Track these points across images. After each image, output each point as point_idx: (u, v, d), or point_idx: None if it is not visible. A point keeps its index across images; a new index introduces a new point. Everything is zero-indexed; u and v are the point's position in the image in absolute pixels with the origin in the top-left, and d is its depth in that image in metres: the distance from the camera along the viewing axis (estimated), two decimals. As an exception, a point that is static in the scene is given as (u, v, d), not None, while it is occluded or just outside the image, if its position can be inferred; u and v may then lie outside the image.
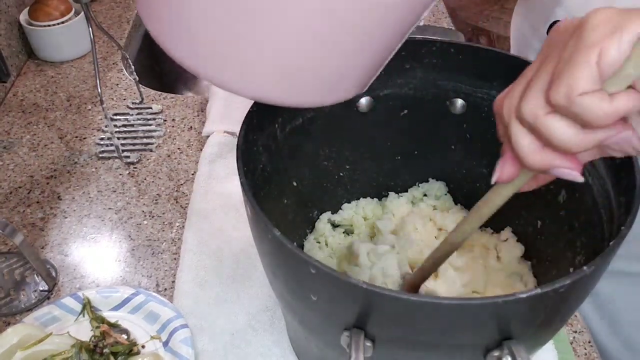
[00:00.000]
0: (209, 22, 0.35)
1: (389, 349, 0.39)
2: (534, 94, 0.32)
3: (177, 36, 0.37)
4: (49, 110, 0.89)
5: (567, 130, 0.31)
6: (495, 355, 0.37)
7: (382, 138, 0.61)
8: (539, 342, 0.43)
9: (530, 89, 0.32)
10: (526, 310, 0.36)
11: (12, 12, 0.96)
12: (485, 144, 0.58)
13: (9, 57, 0.93)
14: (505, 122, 0.34)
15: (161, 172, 0.79)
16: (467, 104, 0.57)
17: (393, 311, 0.36)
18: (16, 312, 0.61)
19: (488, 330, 0.36)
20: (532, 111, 0.32)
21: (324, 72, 0.39)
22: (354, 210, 0.64)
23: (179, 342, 0.56)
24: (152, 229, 0.71)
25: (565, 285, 0.34)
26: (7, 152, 0.81)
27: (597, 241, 0.45)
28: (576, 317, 0.61)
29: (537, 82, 0.32)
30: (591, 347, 0.58)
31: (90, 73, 0.97)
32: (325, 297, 0.39)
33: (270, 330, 0.59)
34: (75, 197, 0.75)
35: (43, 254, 0.68)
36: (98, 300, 0.60)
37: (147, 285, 0.64)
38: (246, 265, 0.65)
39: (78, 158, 0.81)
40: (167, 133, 0.85)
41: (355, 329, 0.38)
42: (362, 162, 0.63)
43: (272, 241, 0.39)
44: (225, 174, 0.76)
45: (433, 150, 0.62)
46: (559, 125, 0.31)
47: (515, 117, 0.33)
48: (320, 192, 0.62)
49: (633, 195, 0.40)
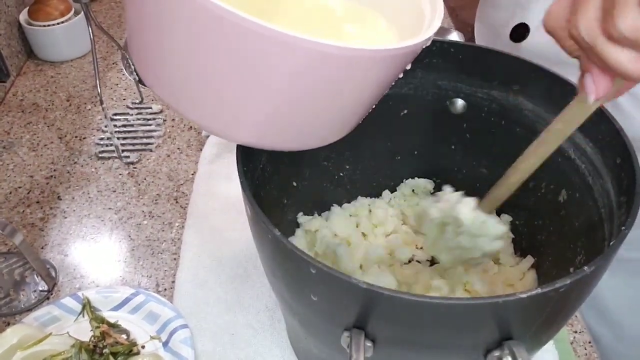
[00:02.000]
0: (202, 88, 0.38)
1: (389, 349, 0.39)
2: (625, 9, 0.30)
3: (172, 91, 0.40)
4: (48, 110, 0.89)
5: None
6: (496, 355, 0.37)
7: (382, 138, 0.61)
8: (539, 342, 0.43)
9: (617, 4, 0.30)
10: (526, 310, 0.36)
11: (12, 12, 0.95)
12: (485, 143, 0.59)
13: (9, 57, 0.93)
14: (586, 43, 0.32)
15: (161, 172, 0.79)
16: (467, 104, 0.57)
17: (393, 311, 0.36)
18: (16, 312, 0.61)
19: (488, 330, 0.36)
20: (631, 26, 0.30)
21: (301, 128, 0.42)
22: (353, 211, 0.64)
23: (179, 342, 0.56)
24: (152, 229, 0.71)
25: (566, 285, 0.34)
26: (6, 152, 0.81)
27: (598, 241, 0.45)
28: (576, 317, 0.61)
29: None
30: (591, 347, 0.58)
31: (90, 73, 0.97)
32: (325, 297, 0.39)
33: (270, 330, 0.59)
34: (75, 197, 0.75)
35: (43, 254, 0.68)
36: (98, 300, 0.60)
37: (147, 285, 0.64)
38: (246, 265, 0.65)
39: (78, 158, 0.80)
40: (167, 133, 0.85)
41: (356, 329, 0.38)
42: (362, 162, 0.63)
43: (272, 241, 0.39)
44: (225, 174, 0.76)
45: (433, 150, 0.62)
46: None
47: (604, 35, 0.31)
48: (320, 192, 0.62)
49: (633, 196, 0.40)
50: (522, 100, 0.54)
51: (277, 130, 0.41)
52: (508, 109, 0.55)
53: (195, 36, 0.34)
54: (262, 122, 0.39)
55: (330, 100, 0.39)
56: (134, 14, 0.38)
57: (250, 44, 0.33)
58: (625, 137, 0.44)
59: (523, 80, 0.53)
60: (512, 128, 0.55)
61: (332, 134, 0.44)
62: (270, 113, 0.38)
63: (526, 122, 0.54)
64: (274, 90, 0.37)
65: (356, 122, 0.45)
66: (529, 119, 0.54)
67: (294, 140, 0.43)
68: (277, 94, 0.37)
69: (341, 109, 0.41)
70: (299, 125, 0.41)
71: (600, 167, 0.46)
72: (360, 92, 0.40)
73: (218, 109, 0.39)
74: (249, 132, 0.40)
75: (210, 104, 0.39)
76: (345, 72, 0.36)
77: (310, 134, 0.43)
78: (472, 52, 0.54)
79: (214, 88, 0.37)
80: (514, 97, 0.54)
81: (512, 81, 0.53)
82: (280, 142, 0.43)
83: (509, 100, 0.54)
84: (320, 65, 0.35)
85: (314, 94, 0.37)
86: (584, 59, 0.35)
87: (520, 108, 0.54)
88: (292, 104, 0.38)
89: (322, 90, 0.37)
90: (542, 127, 0.53)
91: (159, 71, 0.39)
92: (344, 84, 0.37)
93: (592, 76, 0.34)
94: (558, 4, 0.35)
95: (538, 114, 0.53)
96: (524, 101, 0.53)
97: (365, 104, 0.43)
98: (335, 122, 0.43)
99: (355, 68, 0.36)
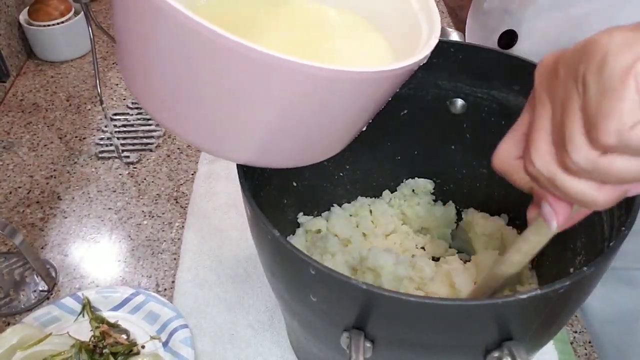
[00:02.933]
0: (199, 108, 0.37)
1: (389, 349, 0.39)
2: (575, 142, 0.29)
3: (161, 106, 0.39)
4: (48, 110, 0.89)
5: (627, 164, 0.28)
6: (495, 356, 0.37)
7: (382, 138, 0.61)
8: (539, 342, 0.43)
9: (569, 137, 0.29)
10: (526, 310, 0.36)
11: (12, 12, 0.95)
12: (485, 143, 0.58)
13: (9, 57, 0.93)
14: (544, 178, 0.32)
15: (161, 172, 0.79)
16: (467, 104, 0.57)
17: (393, 312, 0.36)
18: (16, 312, 0.61)
19: (488, 331, 0.36)
20: (584, 159, 0.29)
21: (293, 149, 0.41)
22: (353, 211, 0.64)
23: (179, 342, 0.56)
24: (152, 229, 0.71)
25: (565, 285, 0.34)
26: (6, 152, 0.81)
27: (597, 242, 0.45)
28: (576, 317, 0.61)
29: (571, 128, 0.29)
30: (591, 347, 0.58)
31: (90, 73, 0.97)
32: (324, 297, 0.39)
33: (270, 330, 0.59)
34: (75, 197, 0.75)
35: (43, 254, 0.68)
36: (98, 300, 0.60)
37: (147, 285, 0.64)
38: (246, 265, 0.65)
39: (78, 158, 0.80)
40: (167, 133, 0.85)
41: (355, 330, 0.38)
42: (362, 162, 0.63)
43: (272, 241, 0.39)
44: (225, 174, 0.76)
45: (433, 150, 0.62)
46: (619, 163, 0.28)
47: (560, 168, 0.31)
48: (320, 192, 0.62)
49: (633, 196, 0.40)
50: (522, 100, 0.53)
51: (268, 150, 0.39)
52: (508, 109, 0.55)
53: (178, 54, 0.33)
54: (257, 143, 0.38)
55: (321, 121, 0.38)
56: (118, 20, 0.37)
57: (232, 63, 0.32)
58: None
59: (523, 80, 0.52)
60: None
61: (327, 151, 0.43)
62: (263, 134, 0.37)
63: (526, 122, 0.54)
64: (259, 111, 0.35)
65: (351, 138, 0.44)
66: (529, 119, 0.53)
67: (288, 159, 0.42)
68: (264, 115, 0.36)
69: (333, 128, 0.40)
70: (293, 145, 0.40)
71: (600, 167, 0.46)
72: (351, 112, 0.39)
73: (203, 127, 0.38)
74: (244, 152, 0.39)
75: (193, 122, 0.38)
76: (333, 94, 0.35)
77: (303, 152, 0.42)
78: (472, 52, 0.54)
79: (197, 105, 0.36)
80: (514, 97, 0.54)
81: (513, 81, 0.53)
82: (275, 161, 0.42)
83: (509, 100, 0.54)
84: (308, 87, 0.33)
85: (302, 114, 0.36)
86: (537, 190, 0.35)
87: (521, 108, 0.54)
88: (280, 125, 0.36)
89: (311, 111, 0.36)
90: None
91: (144, 84, 0.38)
92: (333, 105, 0.36)
93: (550, 205, 0.35)
94: (505, 144, 0.36)
95: (538, 114, 0.53)
96: (524, 101, 0.53)
97: (358, 123, 0.41)
98: (329, 141, 0.42)
99: (344, 89, 0.35)
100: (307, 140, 0.40)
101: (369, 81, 0.35)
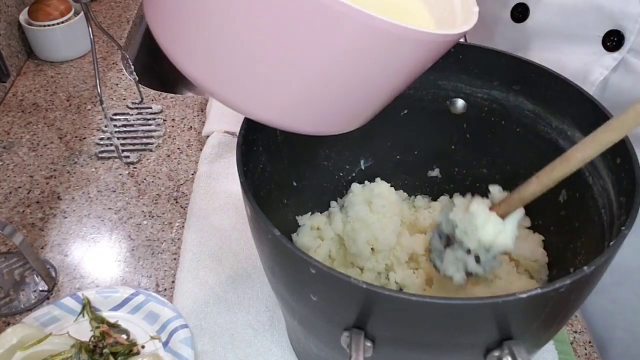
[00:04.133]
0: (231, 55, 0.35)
1: (389, 349, 0.39)
2: None
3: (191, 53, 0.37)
4: (48, 110, 0.89)
5: None
6: (496, 356, 0.37)
7: (382, 138, 0.61)
8: (539, 342, 0.43)
9: None
10: (526, 310, 0.36)
11: (12, 12, 0.95)
12: (485, 143, 0.59)
13: (9, 57, 0.93)
14: None
15: (161, 172, 0.79)
16: (468, 103, 0.57)
17: (393, 311, 0.36)
18: (16, 313, 0.61)
19: (488, 331, 0.36)
20: None
21: (325, 109, 0.40)
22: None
23: (179, 342, 0.56)
24: (151, 229, 0.71)
25: (566, 285, 0.34)
26: (6, 152, 0.81)
27: (598, 241, 0.45)
28: (576, 317, 0.61)
29: None
30: (591, 347, 0.58)
31: (90, 73, 0.97)
32: (325, 297, 0.39)
33: (270, 330, 0.59)
34: (74, 197, 0.75)
35: (43, 254, 0.68)
36: (98, 300, 0.60)
37: (147, 285, 0.64)
38: (246, 265, 0.65)
39: (78, 158, 0.80)
40: (167, 133, 0.85)
41: (355, 329, 0.38)
42: (362, 162, 0.63)
43: (272, 241, 0.39)
44: (225, 174, 0.76)
45: (433, 150, 0.62)
46: None
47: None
48: (320, 192, 0.62)
49: (633, 196, 0.40)
50: (522, 100, 0.54)
51: (301, 109, 0.38)
52: (508, 109, 0.55)
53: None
54: (289, 99, 0.37)
55: (365, 80, 0.37)
56: None
57: (298, 7, 0.32)
58: (625, 137, 0.44)
59: (524, 80, 0.53)
60: (512, 128, 0.55)
61: (352, 121, 0.43)
62: (300, 89, 0.36)
63: (527, 122, 0.54)
64: (312, 62, 0.35)
65: (375, 111, 0.44)
66: (530, 119, 0.54)
67: (313, 122, 0.41)
68: (315, 67, 0.35)
69: (371, 91, 0.40)
70: (324, 106, 0.39)
71: (600, 167, 0.46)
72: (395, 76, 0.39)
73: (242, 79, 0.36)
74: (270, 107, 0.38)
75: (233, 72, 0.36)
76: (390, 51, 0.35)
77: (332, 116, 0.41)
78: (473, 52, 0.54)
79: (242, 52, 0.35)
80: (515, 97, 0.54)
81: (513, 81, 0.53)
82: (299, 123, 0.40)
83: (509, 100, 0.54)
84: (368, 41, 0.34)
85: (351, 69, 0.36)
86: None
87: (521, 108, 0.54)
88: (327, 79, 0.36)
89: (362, 66, 0.36)
90: (543, 127, 0.53)
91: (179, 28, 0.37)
92: (384, 63, 0.36)
93: None
94: None
95: (538, 114, 0.53)
96: (524, 101, 0.53)
97: (393, 91, 0.41)
98: (359, 107, 0.41)
99: (401, 48, 0.35)
100: (341, 101, 0.39)
101: (428, 43, 0.36)
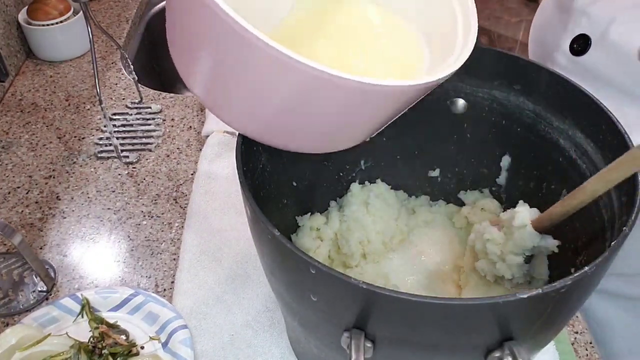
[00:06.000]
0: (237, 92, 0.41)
1: (389, 349, 0.39)
2: None
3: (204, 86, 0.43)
4: (47, 110, 0.89)
5: None
6: (496, 356, 0.37)
7: (382, 138, 0.61)
8: (540, 342, 0.43)
9: None
10: (527, 310, 0.36)
11: (11, 12, 0.95)
12: (486, 143, 0.58)
13: (8, 56, 0.92)
14: None
15: (160, 172, 0.78)
16: (468, 103, 0.56)
17: (393, 311, 0.36)
18: (15, 313, 0.61)
19: (488, 331, 0.36)
20: None
21: (308, 136, 0.44)
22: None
23: (179, 342, 0.56)
24: (151, 229, 0.70)
25: (567, 285, 0.34)
26: (5, 152, 0.81)
27: (599, 242, 0.45)
28: (577, 317, 0.61)
29: None
30: (592, 347, 0.58)
31: (89, 72, 0.97)
32: (325, 297, 0.39)
33: (270, 330, 0.59)
34: (74, 197, 0.75)
35: (42, 255, 0.67)
36: (97, 300, 0.60)
37: (146, 285, 0.64)
38: (246, 265, 0.65)
39: (77, 158, 0.80)
40: (167, 133, 0.85)
41: (356, 330, 0.37)
42: (362, 162, 0.63)
43: (272, 241, 0.39)
44: (225, 174, 0.75)
45: (433, 150, 0.62)
46: None
47: None
48: (320, 192, 0.62)
49: (634, 196, 0.40)
50: (523, 100, 0.53)
51: (277, 130, 0.42)
52: (509, 109, 0.55)
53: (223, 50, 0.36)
54: (268, 122, 0.41)
55: (337, 121, 0.41)
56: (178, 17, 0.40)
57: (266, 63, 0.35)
58: (626, 137, 0.43)
59: (524, 80, 0.53)
60: (513, 128, 0.55)
61: (337, 146, 0.47)
62: (277, 118, 0.41)
63: (527, 122, 0.54)
64: (282, 103, 0.39)
65: (364, 138, 0.47)
66: (530, 118, 0.53)
67: (316, 145, 0.46)
68: (285, 106, 0.39)
69: (347, 128, 0.43)
70: (305, 134, 0.43)
71: (601, 167, 0.46)
72: (371, 117, 0.41)
73: (233, 102, 0.42)
74: (255, 126, 0.43)
75: (226, 98, 0.42)
76: (356, 101, 0.37)
77: (316, 141, 0.45)
78: (473, 52, 0.53)
79: (231, 86, 0.40)
80: (515, 97, 0.54)
81: (513, 81, 0.53)
82: (279, 141, 0.45)
83: (510, 100, 0.54)
84: (331, 91, 0.36)
85: (323, 112, 0.39)
86: None
87: (522, 108, 0.54)
88: (300, 117, 0.40)
89: (330, 111, 0.39)
90: (543, 127, 0.53)
91: (190, 63, 0.42)
92: (355, 109, 0.39)
93: None
94: None
95: (539, 114, 0.53)
96: (525, 101, 0.53)
97: (376, 125, 0.44)
98: (340, 138, 0.45)
99: (368, 100, 0.37)
100: (329, 134, 0.44)
101: (398, 93, 0.38)
